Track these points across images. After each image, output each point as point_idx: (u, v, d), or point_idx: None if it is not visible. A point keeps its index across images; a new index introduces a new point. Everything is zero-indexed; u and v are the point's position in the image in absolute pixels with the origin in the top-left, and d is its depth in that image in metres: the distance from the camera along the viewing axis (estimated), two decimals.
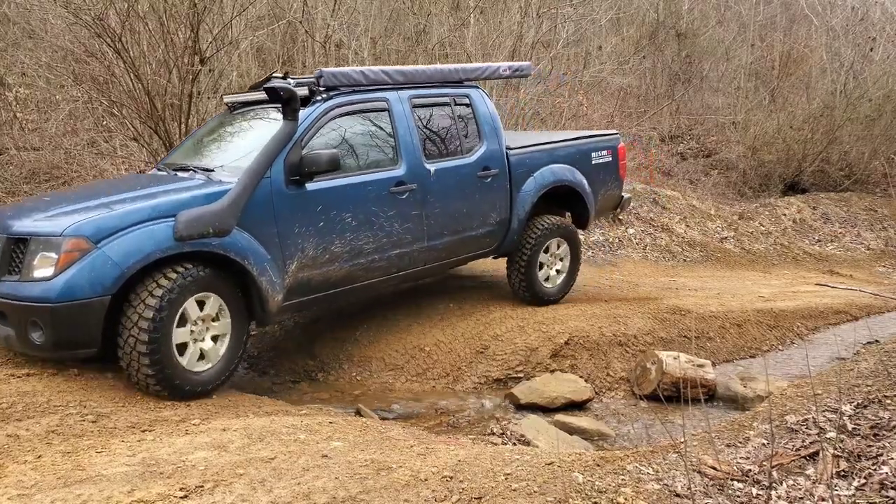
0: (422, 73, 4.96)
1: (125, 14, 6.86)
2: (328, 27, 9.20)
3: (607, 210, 6.60)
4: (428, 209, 4.80)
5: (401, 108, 4.72)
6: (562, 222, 5.82)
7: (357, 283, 4.53)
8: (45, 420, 3.01)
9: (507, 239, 5.49)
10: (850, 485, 2.31)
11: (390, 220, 4.56)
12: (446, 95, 5.12)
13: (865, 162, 15.43)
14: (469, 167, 5.10)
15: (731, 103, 16.79)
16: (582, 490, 2.26)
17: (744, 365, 5.74)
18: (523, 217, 5.47)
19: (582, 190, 5.90)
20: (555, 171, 5.71)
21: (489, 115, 5.35)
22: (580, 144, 6.05)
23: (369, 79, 4.59)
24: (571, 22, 11.33)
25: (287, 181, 4.06)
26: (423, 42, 10.60)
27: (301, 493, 2.20)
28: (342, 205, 4.31)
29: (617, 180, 6.40)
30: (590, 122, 12.46)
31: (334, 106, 4.40)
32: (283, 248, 4.04)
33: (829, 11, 16.96)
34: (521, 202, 5.46)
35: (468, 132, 5.21)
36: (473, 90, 5.35)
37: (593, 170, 6.06)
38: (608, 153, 6.24)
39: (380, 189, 4.50)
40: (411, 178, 4.68)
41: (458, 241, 5.10)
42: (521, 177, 5.48)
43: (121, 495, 2.14)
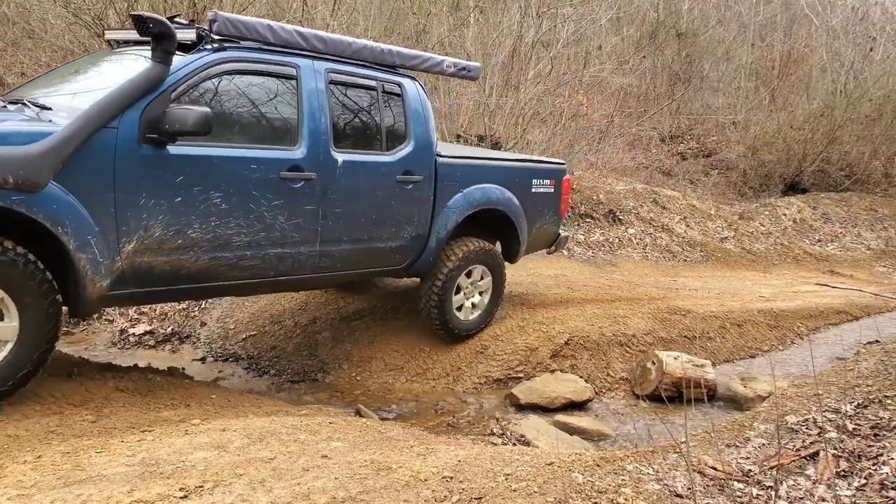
0: (347, 45, 4.22)
1: (125, 14, 6.86)
2: (328, 27, 9.19)
3: (540, 246, 5.83)
4: (327, 206, 4.03)
5: (313, 81, 3.95)
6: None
7: (217, 281, 3.72)
8: (45, 420, 3.01)
9: (421, 258, 4.75)
10: (851, 485, 2.30)
11: (274, 210, 3.78)
12: (374, 79, 4.36)
13: (866, 162, 15.44)
14: (388, 167, 4.38)
15: (731, 103, 16.80)
16: (582, 490, 2.26)
17: (744, 365, 5.74)
18: (444, 236, 4.76)
19: (515, 218, 5.21)
20: (488, 191, 5.01)
21: (422, 113, 4.62)
22: (521, 168, 5.43)
23: (279, 37, 3.84)
24: (571, 22, 11.32)
25: (141, 138, 3.25)
26: (423, 42, 10.59)
27: (301, 493, 2.20)
28: (212, 180, 3.51)
29: (556, 215, 5.72)
30: (590, 122, 12.47)
31: (226, 59, 3.62)
32: (120, 222, 3.24)
33: (829, 11, 16.96)
34: (444, 219, 4.74)
35: (394, 127, 4.48)
36: (409, 80, 4.61)
37: (532, 198, 5.38)
38: (551, 183, 5.56)
39: (267, 170, 3.72)
40: (311, 166, 3.90)
41: (360, 252, 4.35)
42: (449, 190, 4.76)
43: (120, 495, 2.14)
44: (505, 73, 10.59)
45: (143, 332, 5.53)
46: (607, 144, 13.03)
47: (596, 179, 11.92)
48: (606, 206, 11.02)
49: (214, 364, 5.27)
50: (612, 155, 13.12)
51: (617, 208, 11.14)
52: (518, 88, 10.35)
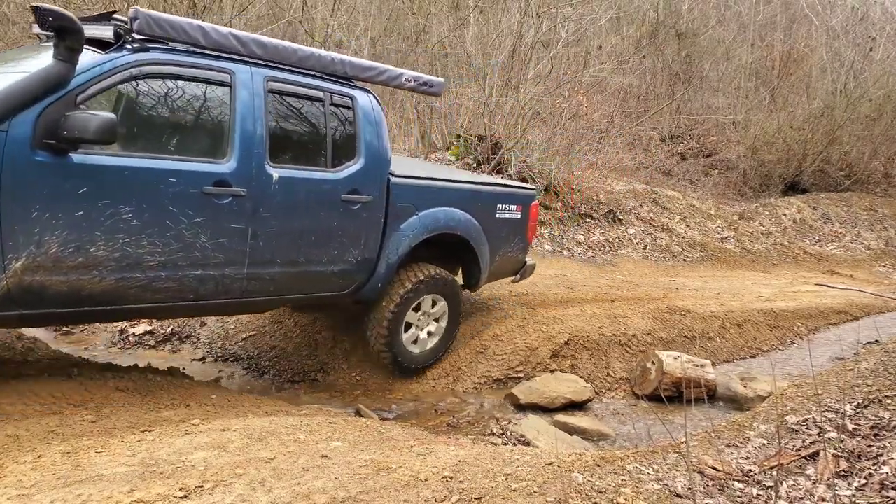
0: (291, 52, 3.87)
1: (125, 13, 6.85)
2: (328, 27, 9.19)
3: (505, 274, 5.48)
4: (258, 225, 3.69)
5: (248, 89, 3.62)
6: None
7: (126, 303, 3.38)
8: (45, 420, 3.01)
9: (369, 284, 4.40)
10: (851, 485, 2.30)
11: (195, 228, 3.45)
12: (321, 90, 4.02)
13: (866, 162, 15.45)
14: (332, 185, 4.02)
15: (731, 103, 16.81)
16: (582, 490, 2.26)
17: (744, 365, 5.74)
18: (395, 262, 4.42)
19: (477, 244, 4.89)
20: (447, 215, 4.66)
21: (375, 129, 4.28)
22: (486, 191, 5.07)
23: (211, 40, 3.51)
24: (571, 22, 11.32)
25: (36, 143, 2.93)
26: (422, 42, 10.60)
27: (301, 493, 2.20)
28: (122, 193, 3.18)
29: (522, 242, 5.38)
30: (590, 121, 12.46)
31: (147, 61, 3.29)
32: (6, 236, 2.91)
33: (829, 11, 16.97)
34: (396, 243, 4.40)
35: (342, 142, 4.14)
36: (362, 93, 4.27)
37: (496, 224, 5.06)
38: (518, 209, 5.22)
39: (188, 184, 3.39)
40: (241, 181, 3.57)
41: (295, 275, 4.00)
42: (403, 212, 4.42)
43: (120, 495, 2.14)
44: (505, 73, 10.59)
45: (143, 332, 5.53)
46: (607, 144, 13.03)
47: (596, 179, 11.92)
48: (606, 206, 11.03)
49: (214, 364, 5.27)
50: (612, 155, 13.12)
51: (617, 208, 11.14)
52: (518, 88, 10.35)
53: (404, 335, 4.68)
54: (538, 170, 10.63)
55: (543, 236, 9.73)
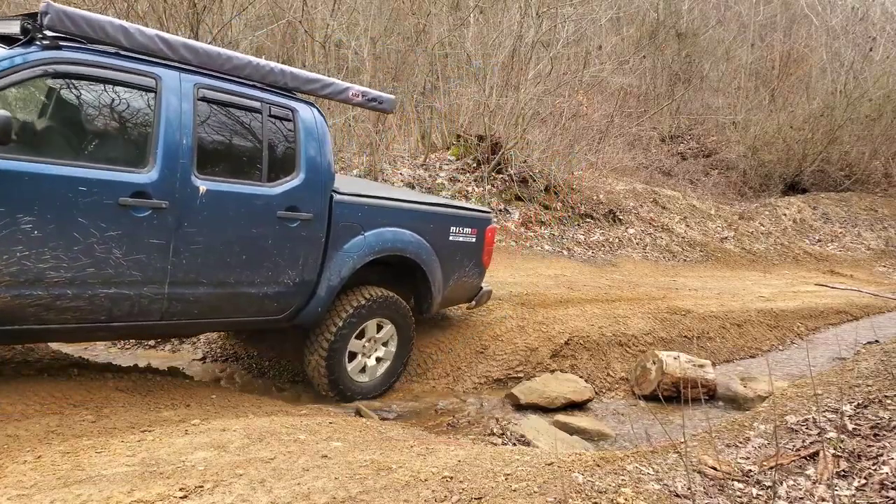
0: (225, 59, 3.66)
1: (125, 14, 6.86)
2: (328, 27, 9.20)
3: (460, 299, 5.21)
4: (182, 241, 3.41)
5: (176, 95, 3.40)
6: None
7: (25, 323, 3.09)
8: (45, 420, 3.01)
9: (307, 308, 4.09)
10: (851, 485, 2.30)
11: (108, 242, 3.16)
12: (258, 100, 3.79)
13: (866, 162, 15.47)
14: (267, 200, 3.74)
15: (731, 103, 16.82)
16: (582, 490, 2.26)
17: (744, 365, 5.75)
18: (337, 284, 4.12)
19: (427, 267, 4.64)
20: (395, 236, 4.41)
21: (317, 144, 4.04)
22: (438, 212, 4.81)
23: (134, 41, 3.28)
24: (571, 22, 11.33)
25: None
26: (422, 42, 10.60)
27: (301, 493, 2.20)
28: (20, 201, 2.92)
29: (478, 267, 5.11)
30: (590, 121, 12.47)
31: (57, 60, 3.04)
32: None
33: (829, 11, 16.97)
34: (339, 264, 4.11)
35: (280, 156, 3.90)
36: (303, 105, 4.05)
37: (449, 247, 4.81)
38: (473, 232, 4.98)
39: (101, 194, 3.11)
40: (163, 192, 3.31)
41: (224, 297, 3.69)
42: (346, 231, 4.15)
43: (120, 495, 2.14)
44: (505, 73, 10.60)
45: None
46: (607, 144, 13.04)
47: (596, 179, 11.93)
48: (606, 206, 11.03)
49: (214, 364, 5.27)
50: (612, 155, 13.14)
51: (617, 208, 11.15)
52: (518, 88, 10.36)
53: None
54: (538, 170, 10.64)
55: (543, 236, 9.73)
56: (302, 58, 10.23)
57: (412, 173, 10.02)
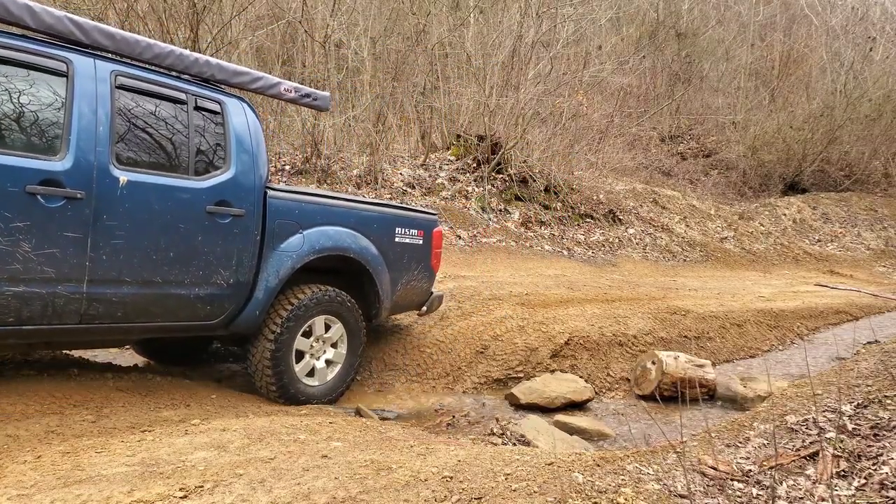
0: (145, 47, 3.53)
1: (125, 14, 6.86)
2: (328, 27, 9.20)
3: (410, 306, 5.04)
4: (101, 236, 3.20)
5: (91, 81, 3.25)
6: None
7: None
8: (45, 420, 3.01)
9: (245, 312, 3.87)
10: (850, 485, 2.31)
11: (14, 234, 2.96)
12: (184, 91, 3.66)
13: (865, 162, 15.48)
14: (193, 194, 3.57)
15: (731, 103, 16.83)
16: (582, 490, 2.26)
17: (744, 365, 5.75)
18: (275, 285, 3.92)
19: (374, 268, 4.46)
20: (337, 235, 4.24)
21: (249, 138, 3.93)
22: (381, 212, 4.66)
23: (42, 23, 3.16)
24: (571, 22, 11.33)
25: None
26: (422, 42, 10.60)
27: (301, 493, 2.20)
28: None
29: (426, 270, 4.97)
30: (590, 121, 12.48)
31: None
32: None
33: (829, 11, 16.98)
34: (277, 264, 3.92)
35: (207, 149, 3.75)
36: (232, 99, 3.94)
37: (395, 249, 4.66)
38: (419, 234, 4.85)
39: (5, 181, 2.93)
40: (78, 181, 3.13)
41: (151, 299, 3.46)
42: (283, 229, 3.97)
43: (120, 495, 2.14)
44: (505, 73, 10.60)
45: None
46: (607, 144, 13.05)
47: (596, 179, 11.93)
48: (606, 206, 11.03)
49: (214, 364, 5.27)
50: (612, 155, 13.14)
51: (617, 208, 11.15)
52: (518, 88, 10.36)
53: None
54: (538, 170, 10.64)
55: (543, 236, 9.73)
56: (302, 57, 10.24)
57: (412, 173, 10.02)
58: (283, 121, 9.51)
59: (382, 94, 9.84)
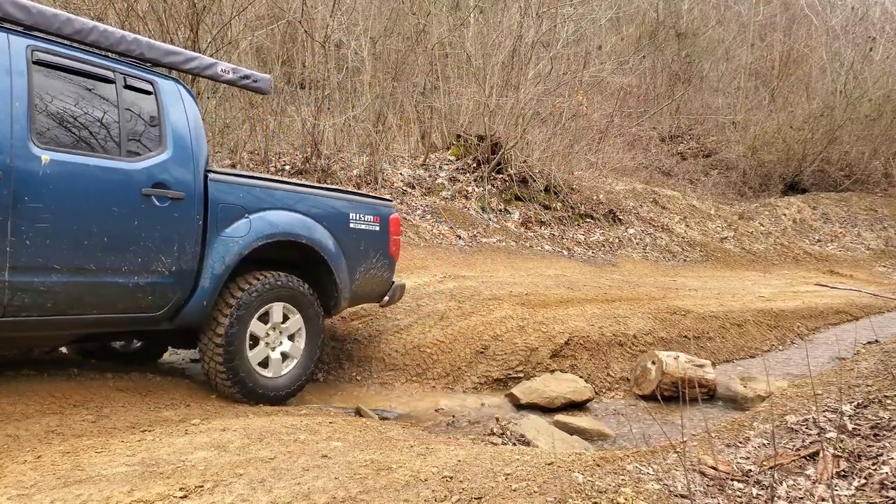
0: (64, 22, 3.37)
1: (125, 14, 6.86)
2: (327, 27, 9.20)
3: (371, 297, 4.83)
4: (24, 219, 3.02)
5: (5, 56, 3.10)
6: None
7: None
8: (45, 420, 3.01)
9: (191, 302, 3.68)
10: (851, 485, 2.30)
11: None
12: (111, 70, 3.47)
13: (865, 162, 15.48)
14: (126, 176, 3.39)
15: (731, 103, 16.83)
16: (582, 490, 2.26)
17: (744, 365, 5.75)
18: (222, 272, 3.72)
19: (329, 257, 4.28)
20: (286, 220, 4.05)
21: (185, 119, 3.78)
22: (333, 197, 4.51)
23: None
24: (571, 22, 11.33)
25: None
26: (422, 42, 10.60)
27: (301, 493, 2.20)
28: None
29: (385, 258, 4.79)
30: (590, 122, 12.48)
31: None
32: None
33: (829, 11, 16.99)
34: (222, 250, 3.74)
35: (140, 130, 3.58)
36: (165, 80, 3.77)
37: (352, 236, 4.49)
38: (375, 220, 4.68)
39: None
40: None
41: (85, 288, 3.25)
42: (228, 214, 3.80)
43: (120, 495, 2.14)
44: (505, 73, 10.60)
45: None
46: (607, 144, 13.05)
47: (596, 179, 11.93)
48: (606, 206, 11.03)
49: None
50: (612, 155, 13.15)
51: (617, 208, 11.15)
52: (518, 88, 10.36)
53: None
54: (538, 170, 10.64)
55: (543, 236, 9.73)
56: (302, 57, 10.24)
57: (412, 173, 10.02)
58: (283, 121, 9.52)
59: (382, 94, 9.84)
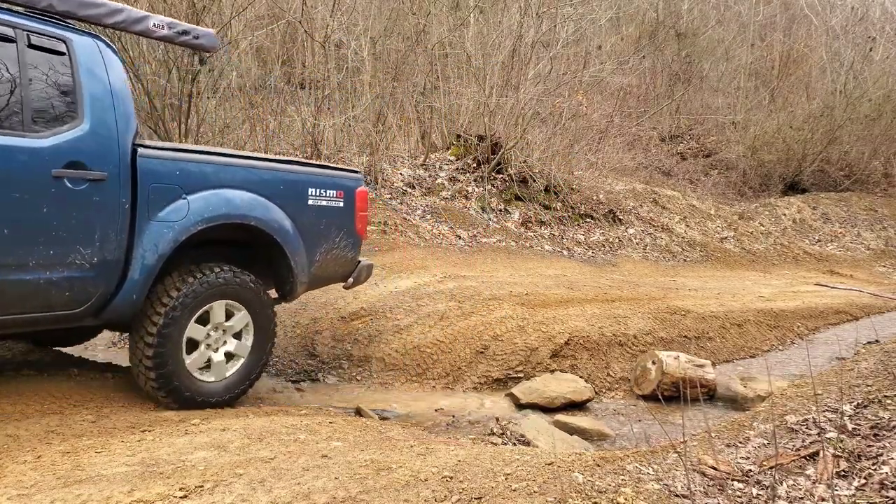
0: None
1: None
2: (327, 27, 9.20)
3: (333, 278, 4.43)
4: None
5: None
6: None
7: None
8: (45, 420, 3.01)
9: (119, 296, 3.22)
10: (851, 485, 2.30)
11: None
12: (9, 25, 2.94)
13: (865, 162, 15.48)
14: (33, 154, 2.91)
15: (730, 103, 16.83)
16: (582, 490, 2.26)
17: (744, 365, 5.75)
18: (154, 262, 3.27)
19: (283, 238, 3.80)
20: (232, 200, 3.57)
21: (106, 83, 3.22)
22: (288, 171, 3.99)
23: None
24: (571, 22, 11.33)
25: None
26: (422, 42, 10.60)
27: (301, 493, 2.20)
28: None
29: (351, 237, 4.33)
30: (590, 122, 12.48)
31: None
32: None
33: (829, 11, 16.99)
34: (155, 237, 3.27)
35: (50, 99, 3.06)
36: (82, 37, 3.20)
37: (310, 213, 4.02)
38: (339, 195, 4.21)
39: None
40: None
41: None
42: (161, 195, 3.31)
43: (120, 495, 2.14)
44: (505, 73, 10.60)
45: None
46: (607, 144, 13.05)
47: (596, 179, 11.93)
48: (606, 206, 11.03)
49: None
50: (612, 155, 13.15)
51: (617, 208, 11.15)
52: (518, 88, 10.36)
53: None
54: (538, 170, 10.64)
55: (543, 236, 9.73)
56: (302, 57, 10.24)
57: (412, 173, 10.02)
58: (283, 121, 9.52)
59: (382, 94, 9.84)
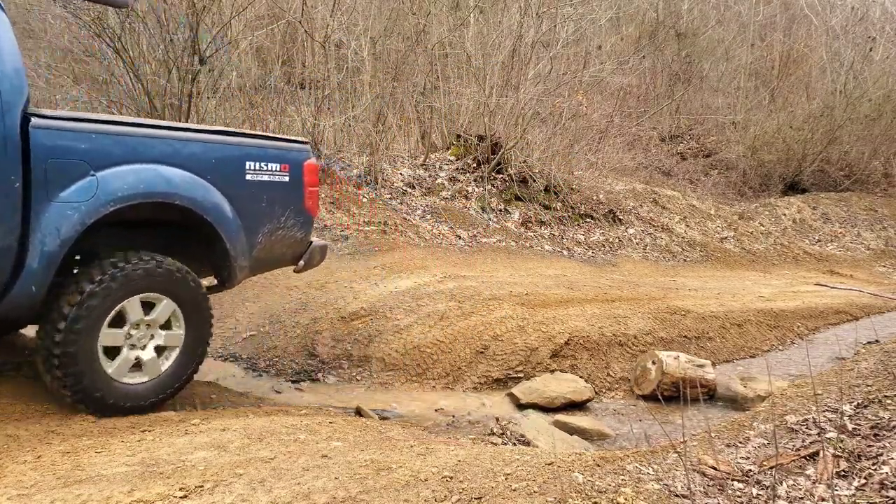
0: None
1: (124, 14, 6.87)
2: (327, 27, 9.19)
3: (282, 261, 4.03)
4: None
5: None
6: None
7: None
8: (45, 420, 3.01)
9: (15, 289, 2.86)
10: (851, 485, 2.30)
11: None
12: None
13: (865, 162, 15.48)
14: None
15: (730, 103, 16.83)
16: (582, 490, 2.26)
17: (744, 365, 5.75)
18: (56, 249, 2.89)
19: (215, 218, 3.40)
20: (151, 176, 3.15)
21: None
22: (221, 142, 3.54)
23: None
24: (571, 21, 11.33)
25: None
26: (422, 42, 10.60)
27: (301, 493, 2.20)
28: None
29: (300, 215, 3.91)
30: (590, 122, 12.48)
31: None
32: None
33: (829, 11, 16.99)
34: (56, 221, 2.88)
35: None
36: None
37: (248, 190, 3.60)
38: (283, 169, 3.76)
39: None
40: None
41: None
42: (62, 172, 2.91)
43: (120, 495, 2.14)
44: (505, 73, 10.60)
45: None
46: (607, 144, 13.05)
47: (596, 179, 11.93)
48: (606, 206, 11.03)
49: (214, 364, 5.27)
50: (612, 155, 13.15)
51: (617, 208, 11.14)
52: (518, 88, 10.36)
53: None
54: (538, 170, 10.64)
55: (543, 236, 9.73)
56: (302, 57, 10.24)
57: (412, 173, 10.02)
58: (283, 121, 9.51)
59: (382, 94, 9.83)
